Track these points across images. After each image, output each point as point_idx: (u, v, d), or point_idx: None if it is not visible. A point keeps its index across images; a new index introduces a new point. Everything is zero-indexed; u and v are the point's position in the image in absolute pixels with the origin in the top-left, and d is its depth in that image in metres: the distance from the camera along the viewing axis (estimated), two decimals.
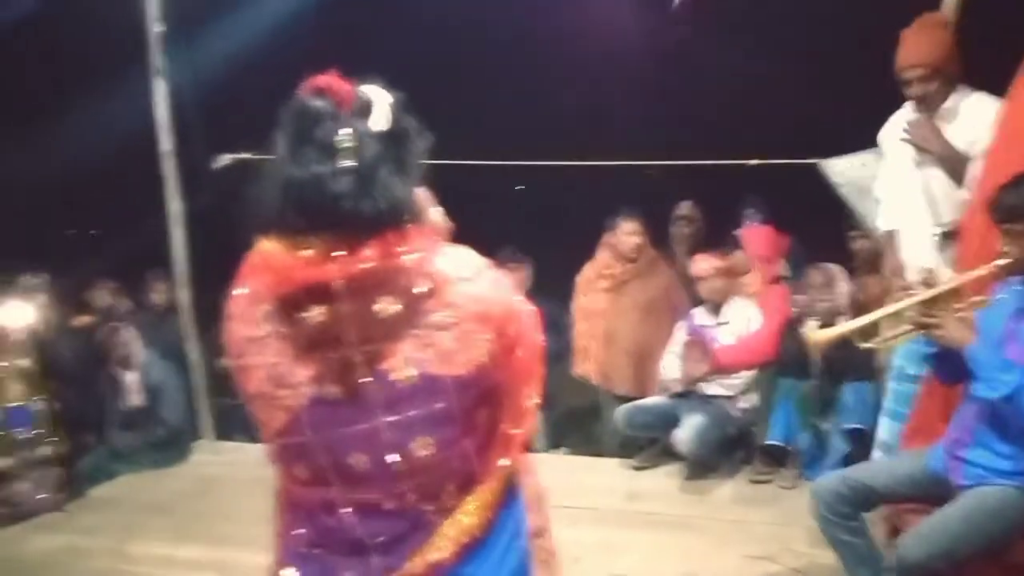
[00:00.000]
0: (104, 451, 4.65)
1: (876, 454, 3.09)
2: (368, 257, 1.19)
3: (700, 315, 4.14)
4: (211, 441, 5.12)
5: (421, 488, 1.27)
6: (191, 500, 4.19)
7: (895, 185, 3.18)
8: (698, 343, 4.00)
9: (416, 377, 1.23)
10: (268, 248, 1.23)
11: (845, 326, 2.65)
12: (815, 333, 2.61)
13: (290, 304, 1.22)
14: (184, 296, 5.06)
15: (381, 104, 1.25)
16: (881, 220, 3.35)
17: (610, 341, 4.41)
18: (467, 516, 1.29)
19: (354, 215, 1.19)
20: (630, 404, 4.13)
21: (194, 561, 3.46)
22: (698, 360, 3.93)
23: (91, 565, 3.53)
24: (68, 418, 4.39)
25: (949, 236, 2.95)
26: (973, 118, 2.91)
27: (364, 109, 1.24)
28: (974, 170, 2.82)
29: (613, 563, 3.15)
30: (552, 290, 4.96)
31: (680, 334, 4.16)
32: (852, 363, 3.48)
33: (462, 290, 1.25)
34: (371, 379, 1.23)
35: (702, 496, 3.76)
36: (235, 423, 5.21)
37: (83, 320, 5.19)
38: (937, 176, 2.97)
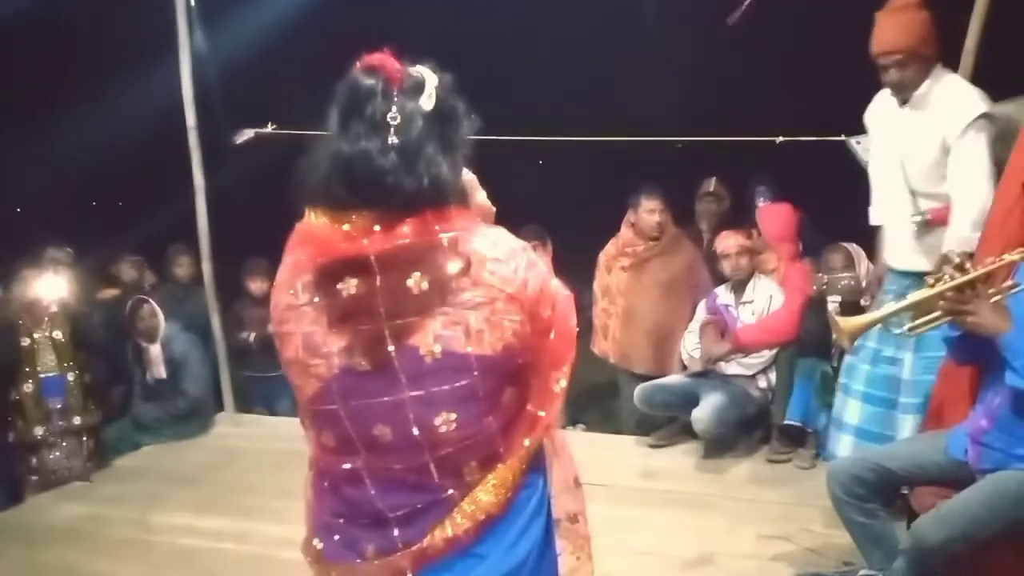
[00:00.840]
0: (128, 422, 4.74)
1: (843, 436, 3.11)
2: (405, 233, 1.22)
3: (723, 294, 4.10)
4: (232, 413, 5.19)
5: (442, 463, 1.28)
6: (213, 471, 4.26)
7: (880, 174, 3.15)
8: (715, 322, 3.97)
9: (441, 354, 1.25)
10: (314, 219, 1.28)
11: (876, 313, 2.62)
12: (845, 320, 2.56)
13: (328, 275, 1.25)
14: (207, 270, 5.11)
15: (430, 84, 1.28)
16: (872, 212, 3.30)
17: (629, 319, 4.38)
18: (486, 494, 1.30)
19: (396, 191, 1.22)
20: (649, 383, 4.11)
21: (215, 531, 3.52)
22: (715, 339, 3.90)
23: (114, 534, 3.60)
24: (97, 389, 4.47)
25: (927, 224, 2.95)
26: (949, 103, 2.86)
27: (414, 88, 1.27)
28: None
29: (628, 540, 3.15)
30: (573, 267, 4.94)
31: (701, 312, 4.12)
32: None
33: (495, 271, 1.27)
34: (399, 353, 1.25)
35: (718, 475, 3.75)
36: (255, 395, 5.29)
37: (110, 293, 5.26)
38: (916, 168, 2.95)
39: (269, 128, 4.81)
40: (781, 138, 4.14)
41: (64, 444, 4.23)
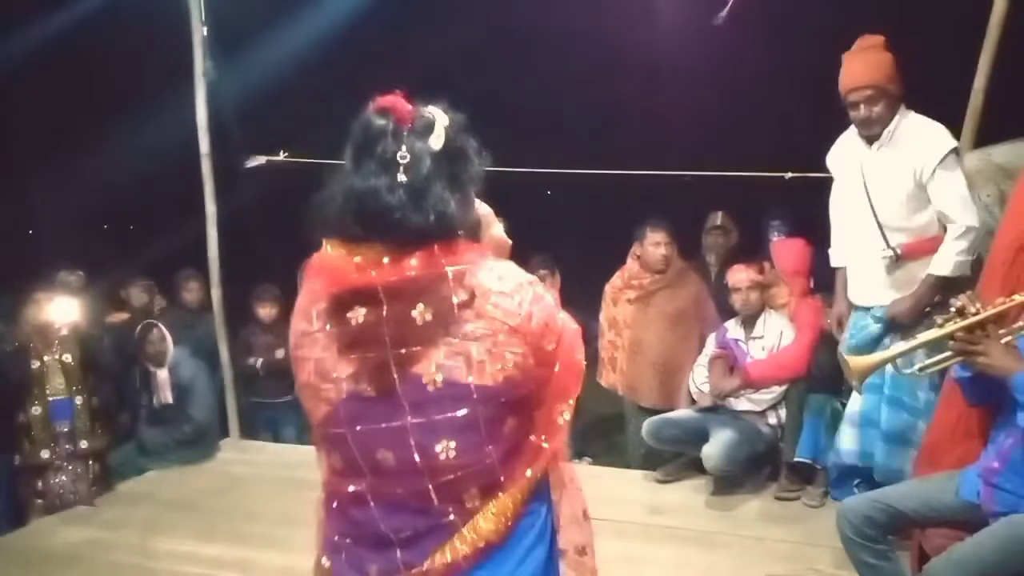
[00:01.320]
0: (134, 447, 4.73)
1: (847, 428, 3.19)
2: (412, 266, 1.28)
3: (733, 328, 4.08)
4: (237, 440, 5.17)
5: (443, 489, 1.31)
6: (216, 498, 4.24)
7: (846, 213, 3.21)
8: (724, 356, 3.95)
9: (443, 383, 1.29)
10: (329, 250, 1.34)
11: (886, 353, 2.62)
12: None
13: (339, 304, 1.31)
14: (216, 296, 5.13)
15: (439, 124, 1.34)
16: (833, 254, 3.38)
17: (636, 352, 4.37)
18: (486, 521, 1.32)
19: (403, 226, 1.28)
20: (658, 417, 4.07)
21: (216, 559, 3.49)
22: (724, 374, 3.88)
23: (115, 559, 3.57)
24: (104, 413, 4.47)
25: (898, 259, 3.00)
26: (921, 139, 2.94)
27: (424, 129, 1.33)
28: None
29: None
30: (580, 298, 4.94)
31: (710, 347, 4.11)
32: None
33: (499, 304, 1.31)
34: (402, 381, 1.29)
35: (726, 512, 3.70)
36: (260, 422, 5.28)
37: (119, 317, 5.29)
38: (888, 203, 3.00)
39: (281, 156, 4.86)
40: (790, 174, 4.16)
41: (70, 468, 4.22)
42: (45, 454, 4.18)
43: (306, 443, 5.17)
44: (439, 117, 1.35)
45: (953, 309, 2.25)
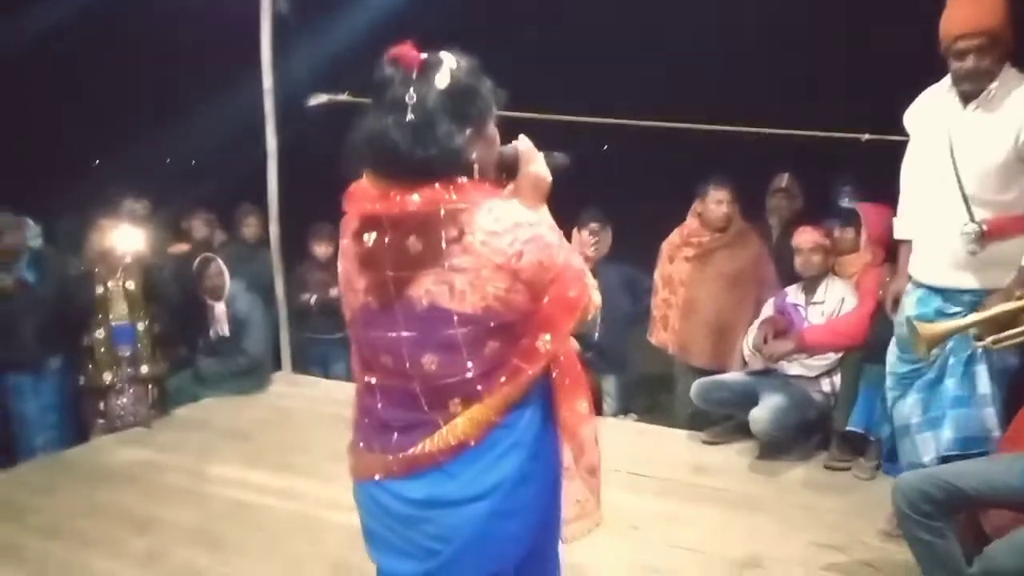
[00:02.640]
0: (190, 375, 4.87)
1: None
2: (412, 202, 1.45)
3: (793, 293, 3.98)
4: (289, 373, 5.29)
5: (430, 393, 1.52)
6: (267, 428, 4.36)
7: (923, 181, 2.86)
8: (772, 321, 3.85)
9: (429, 306, 1.48)
10: (360, 182, 1.54)
11: (958, 321, 2.49)
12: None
13: (360, 227, 1.53)
14: (274, 231, 5.19)
15: (445, 66, 1.48)
16: (898, 225, 3.04)
17: (690, 311, 4.29)
18: (463, 424, 1.52)
19: (407, 160, 1.44)
20: (707, 378, 4.02)
21: (264, 486, 3.60)
22: (768, 337, 3.78)
23: (169, 480, 3.71)
24: (164, 341, 4.61)
25: (982, 236, 2.65)
26: (1023, 103, 2.59)
27: (430, 70, 1.48)
28: None
29: (673, 535, 3.10)
30: (636, 254, 4.87)
31: (768, 311, 4.01)
32: None
33: (487, 242, 1.45)
34: (398, 300, 1.50)
35: (773, 477, 3.65)
36: (312, 357, 5.37)
37: (180, 248, 5.40)
38: (978, 172, 2.66)
39: (344, 96, 4.84)
40: (867, 136, 3.97)
41: (131, 391, 4.38)
42: (107, 377, 4.33)
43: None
44: (446, 59, 1.49)
45: None
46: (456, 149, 1.46)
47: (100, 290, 4.35)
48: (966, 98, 2.69)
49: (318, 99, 4.87)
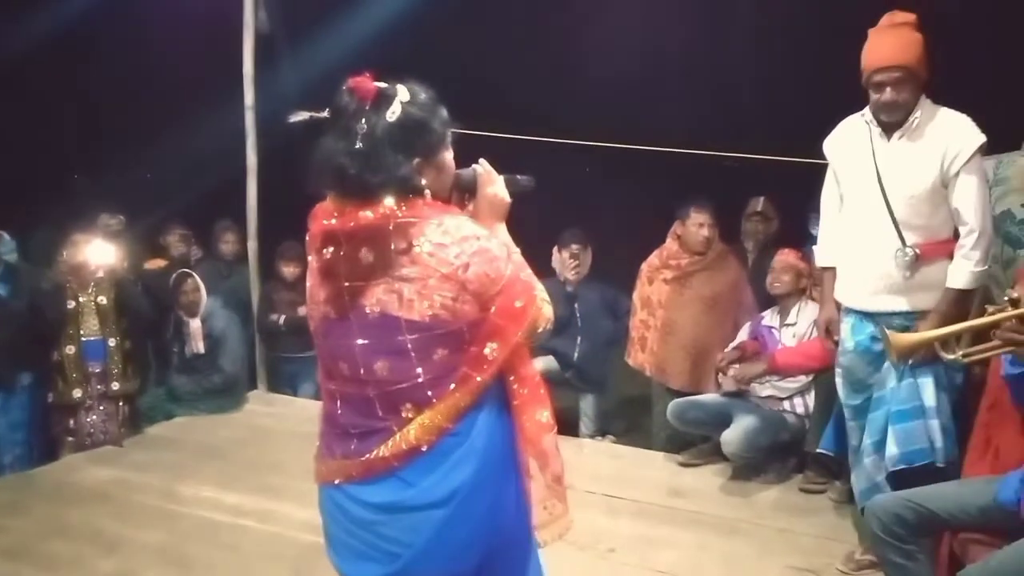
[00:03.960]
0: (163, 392, 4.81)
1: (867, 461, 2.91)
2: (364, 217, 1.56)
3: (768, 316, 4.02)
4: (264, 392, 5.24)
5: (383, 399, 1.61)
6: (241, 448, 4.30)
7: (849, 207, 2.92)
8: (741, 346, 3.89)
9: (379, 314, 1.58)
10: (323, 202, 1.64)
11: (928, 333, 2.53)
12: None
13: (318, 242, 1.64)
14: (252, 248, 5.16)
15: (397, 100, 1.59)
16: (820, 253, 3.10)
17: (668, 333, 4.31)
18: (414, 430, 1.59)
19: (357, 183, 1.56)
20: (683, 399, 4.04)
21: (238, 507, 3.55)
22: (740, 360, 3.82)
23: (140, 500, 3.65)
24: (136, 357, 4.54)
25: (916, 259, 2.72)
26: (946, 133, 2.69)
27: (382, 103, 1.58)
28: None
29: (650, 558, 3.09)
30: (615, 274, 4.89)
31: (743, 335, 4.04)
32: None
33: (434, 253, 1.55)
34: (352, 309, 1.60)
35: (748, 499, 3.66)
36: (282, 376, 5.31)
37: (156, 263, 5.35)
38: (906, 198, 2.74)
39: (325, 113, 4.83)
40: None
41: (101, 408, 4.32)
42: (77, 393, 4.27)
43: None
44: (400, 92, 1.60)
45: (1007, 299, 2.17)
46: (402, 177, 1.57)
47: (71, 305, 4.30)
48: (887, 129, 2.78)
49: (299, 116, 4.86)
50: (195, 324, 4.72)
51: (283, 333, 5.13)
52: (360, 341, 1.60)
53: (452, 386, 1.60)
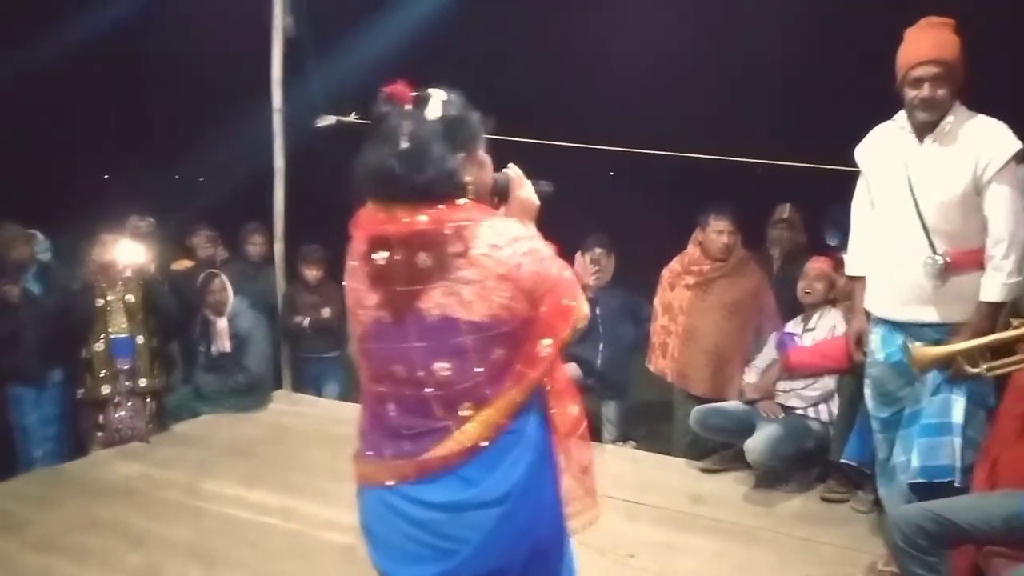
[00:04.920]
0: (190, 390, 4.88)
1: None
2: (420, 221, 1.57)
3: (792, 324, 4.00)
4: (289, 392, 5.30)
5: (441, 400, 1.62)
6: (265, 446, 4.36)
7: (880, 214, 2.85)
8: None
9: (439, 317, 1.59)
10: (366, 207, 1.66)
11: (951, 347, 2.50)
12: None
13: (369, 247, 1.63)
14: (279, 250, 5.22)
15: (435, 98, 1.63)
16: (850, 262, 3.02)
17: (690, 339, 4.30)
18: (474, 427, 1.61)
19: (407, 184, 1.57)
20: (706, 406, 4.02)
21: (262, 505, 3.59)
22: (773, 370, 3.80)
23: (166, 496, 3.71)
24: (163, 355, 4.62)
25: (945, 267, 2.65)
26: (980, 138, 2.62)
27: (421, 103, 1.62)
28: None
29: (669, 564, 3.09)
30: (637, 280, 4.89)
31: (770, 349, 4.01)
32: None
33: (490, 255, 1.58)
34: (410, 312, 1.61)
35: (770, 508, 3.64)
36: (306, 376, 5.37)
37: (184, 264, 5.43)
38: (938, 204, 2.67)
39: (351, 117, 4.90)
40: None
41: (129, 404, 4.39)
42: (106, 389, 4.35)
43: (352, 400, 5.28)
44: (436, 94, 1.64)
45: None
46: (450, 171, 1.60)
47: (100, 303, 4.38)
48: (920, 132, 2.72)
49: (326, 120, 4.93)
50: (221, 323, 4.78)
51: (307, 335, 5.20)
52: (418, 344, 1.61)
53: (508, 384, 1.63)
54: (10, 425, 4.38)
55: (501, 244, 1.59)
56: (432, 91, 1.65)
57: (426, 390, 1.62)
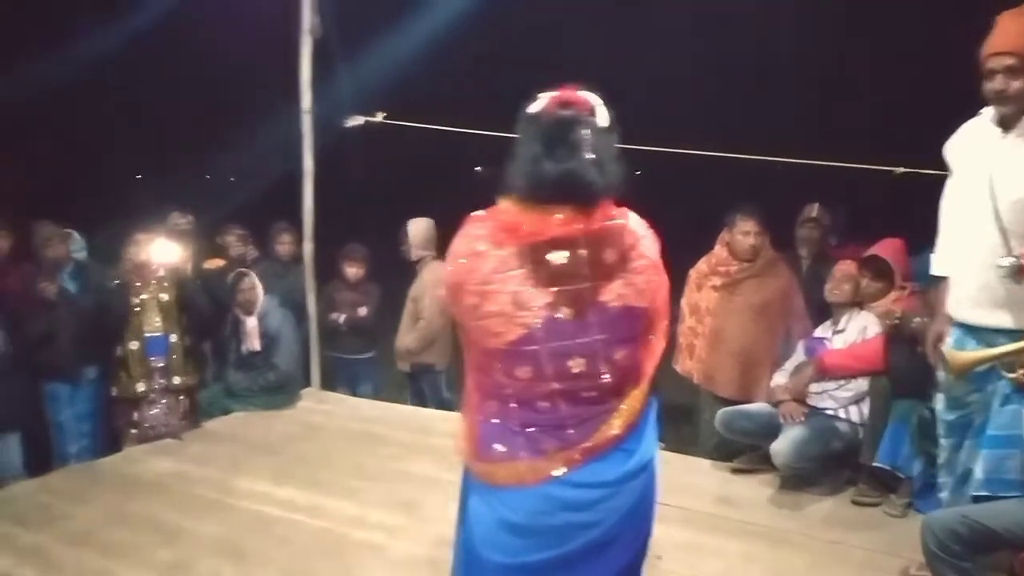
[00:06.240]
0: (220, 388, 4.94)
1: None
2: (598, 220, 1.70)
3: (822, 328, 3.95)
4: (318, 390, 5.34)
5: (613, 386, 1.76)
6: (295, 443, 4.40)
7: (961, 213, 2.73)
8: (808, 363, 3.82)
9: (620, 308, 1.73)
10: (510, 210, 1.73)
11: (988, 351, 2.45)
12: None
13: (540, 248, 1.70)
14: (308, 249, 5.27)
15: (600, 106, 1.74)
16: (936, 261, 2.88)
17: (717, 340, 4.27)
18: (632, 404, 1.77)
19: (595, 192, 1.70)
20: (732, 408, 3.99)
21: (290, 501, 3.63)
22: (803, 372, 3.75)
23: (197, 492, 3.76)
24: (195, 353, 4.68)
25: (1019, 271, 2.50)
26: None
27: (595, 112, 1.74)
28: None
29: (697, 567, 3.08)
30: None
31: (800, 354, 3.96)
32: None
33: (647, 245, 1.79)
34: (592, 306, 1.72)
35: (799, 510, 3.60)
36: (339, 376, 5.42)
37: (215, 263, 5.50)
38: (1013, 203, 2.55)
39: (379, 117, 4.93)
40: (901, 169, 3.94)
41: (163, 401, 4.45)
42: (141, 387, 4.41)
43: (382, 399, 5.31)
44: (598, 100, 1.75)
45: None
46: (619, 175, 1.75)
47: (135, 301, 4.45)
48: (1003, 126, 2.61)
49: (355, 121, 4.96)
50: (251, 322, 4.83)
51: (343, 333, 5.24)
52: (599, 336, 1.72)
53: (651, 359, 1.82)
54: (46, 421, 4.46)
55: (646, 235, 1.79)
56: (594, 97, 1.76)
57: (603, 379, 1.73)
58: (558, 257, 1.68)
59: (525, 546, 1.75)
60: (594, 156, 1.69)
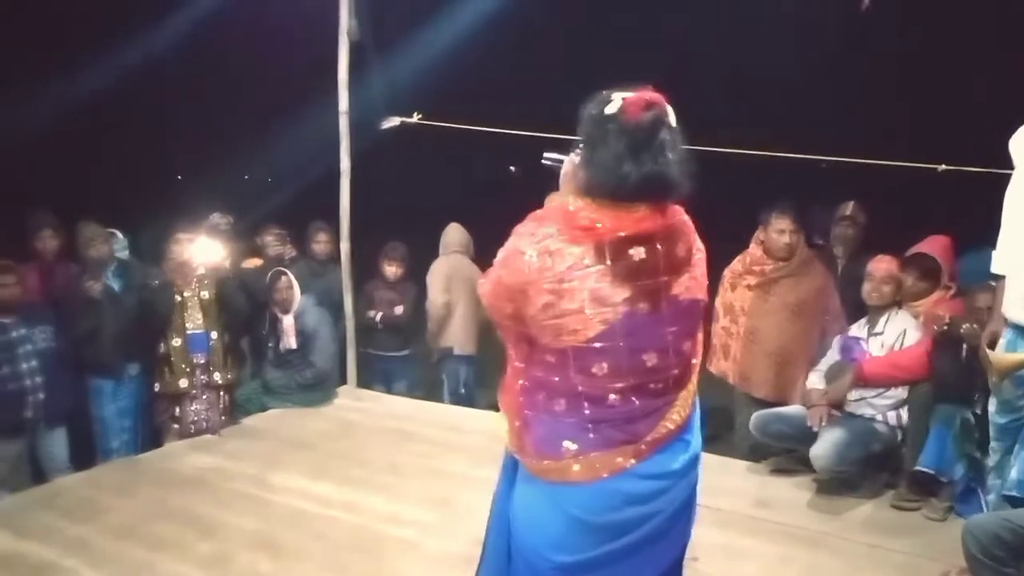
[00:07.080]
0: (258, 385, 5.02)
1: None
2: (669, 216, 1.76)
3: (857, 327, 3.88)
4: (354, 388, 5.40)
5: (680, 378, 1.81)
6: (331, 440, 4.46)
7: (1019, 210, 2.66)
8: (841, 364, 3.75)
9: (688, 300, 1.78)
10: (583, 207, 1.73)
11: None
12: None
13: (621, 244, 1.71)
14: (345, 249, 5.33)
15: (670, 108, 1.76)
16: (996, 258, 2.80)
17: (752, 341, 4.23)
18: (688, 395, 1.82)
19: (678, 192, 1.75)
20: (767, 411, 3.94)
21: (326, 498, 3.68)
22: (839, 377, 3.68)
23: (235, 487, 3.83)
24: (234, 350, 4.76)
25: None
26: None
27: (670, 113, 1.76)
28: None
29: (733, 569, 3.05)
30: None
31: (834, 352, 3.90)
32: None
33: (698, 240, 1.84)
34: (666, 299, 1.75)
35: (837, 514, 3.55)
36: (376, 373, 5.48)
37: (253, 262, 5.58)
38: None
39: (415, 118, 4.97)
40: (943, 166, 3.86)
41: (204, 397, 4.54)
42: (183, 383, 4.50)
43: (417, 397, 5.35)
44: (662, 100, 1.75)
45: None
46: (688, 175, 1.77)
47: (177, 299, 4.54)
48: None
49: (391, 122, 5.01)
50: (288, 320, 4.91)
51: (379, 331, 5.31)
52: (671, 328, 1.76)
53: (699, 353, 1.88)
54: (90, 416, 4.57)
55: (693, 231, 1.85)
56: (659, 97, 1.77)
57: (672, 371, 1.78)
58: (638, 252, 1.71)
59: (591, 542, 1.78)
60: (674, 156, 1.73)
